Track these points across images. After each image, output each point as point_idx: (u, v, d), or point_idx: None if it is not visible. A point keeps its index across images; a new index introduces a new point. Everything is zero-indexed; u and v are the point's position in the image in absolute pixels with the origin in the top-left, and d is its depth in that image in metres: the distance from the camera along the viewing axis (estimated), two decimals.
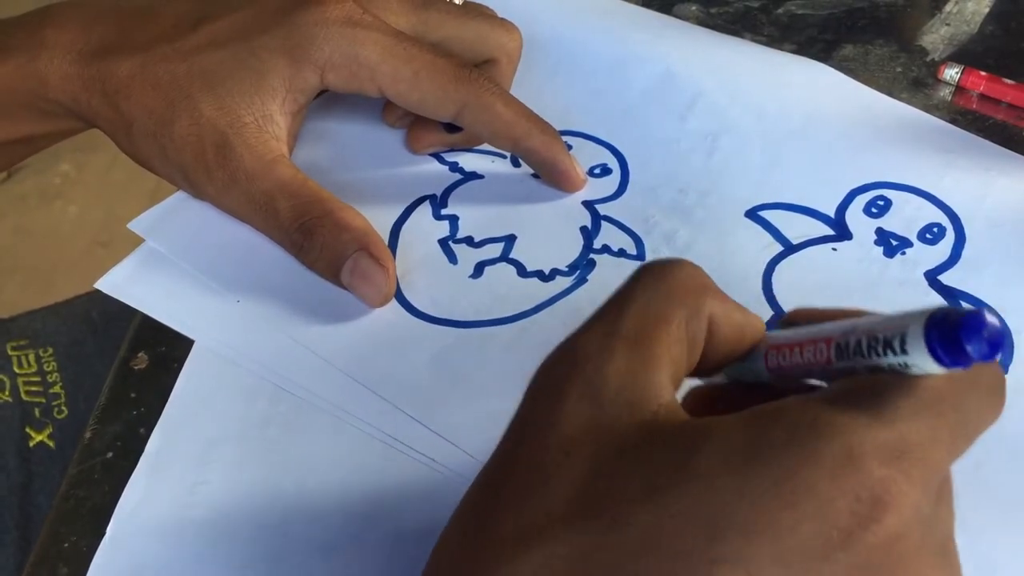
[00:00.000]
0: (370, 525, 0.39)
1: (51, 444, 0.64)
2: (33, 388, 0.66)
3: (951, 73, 0.53)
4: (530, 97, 0.50)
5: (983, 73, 0.53)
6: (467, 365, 0.43)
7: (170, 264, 0.47)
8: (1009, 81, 0.53)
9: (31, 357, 0.67)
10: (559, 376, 0.30)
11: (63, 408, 0.65)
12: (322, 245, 0.45)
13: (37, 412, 0.65)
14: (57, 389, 0.66)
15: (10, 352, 0.68)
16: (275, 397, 0.43)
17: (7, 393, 0.66)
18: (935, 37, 0.55)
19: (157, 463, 0.41)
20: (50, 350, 0.68)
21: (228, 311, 0.45)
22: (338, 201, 0.46)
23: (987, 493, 0.38)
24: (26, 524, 0.61)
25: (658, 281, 0.31)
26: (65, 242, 1.56)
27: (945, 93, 0.53)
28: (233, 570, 0.38)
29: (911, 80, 0.54)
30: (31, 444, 0.64)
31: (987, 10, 0.57)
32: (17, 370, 0.67)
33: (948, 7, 0.57)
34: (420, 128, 0.51)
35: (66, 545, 0.40)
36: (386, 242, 0.48)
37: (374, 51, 0.46)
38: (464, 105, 0.47)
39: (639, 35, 0.56)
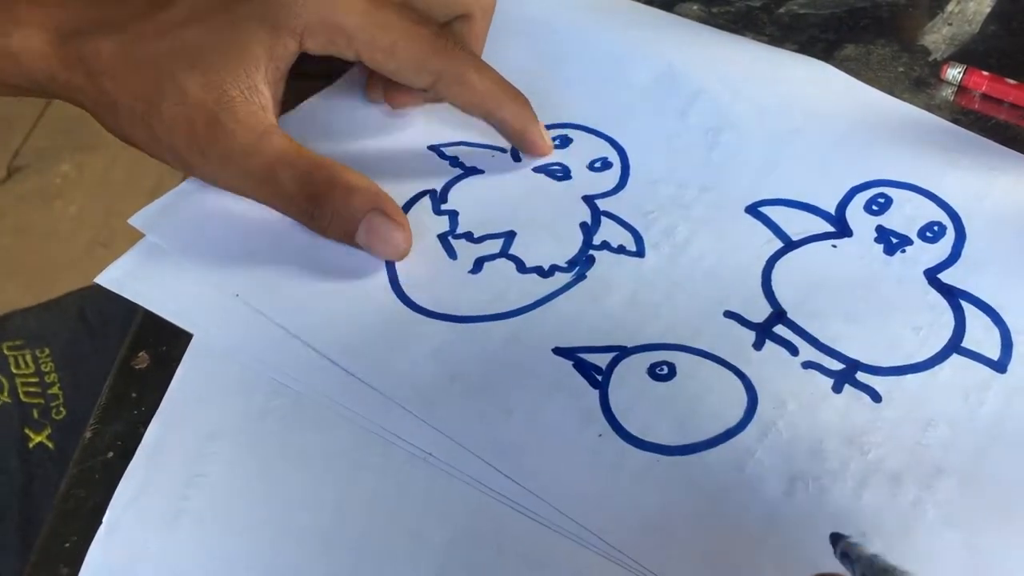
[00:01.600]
0: (369, 519, 0.38)
1: (50, 445, 0.64)
2: (31, 389, 0.66)
3: (953, 73, 0.53)
4: (532, 89, 0.50)
5: (985, 73, 0.53)
6: (466, 360, 0.43)
7: (170, 259, 0.47)
8: (1011, 81, 0.52)
9: (28, 358, 0.67)
10: None
11: (61, 409, 0.65)
12: (333, 211, 0.45)
13: (35, 413, 0.65)
14: (55, 390, 0.66)
15: (6, 352, 0.68)
16: (273, 391, 0.43)
17: (6, 394, 0.66)
18: (937, 37, 0.55)
19: (155, 455, 0.41)
20: (47, 350, 0.68)
21: (227, 305, 0.45)
22: (339, 165, 0.46)
23: (987, 493, 0.38)
24: (27, 526, 0.61)
25: None
26: (65, 242, 1.56)
27: (947, 93, 0.53)
28: (230, 563, 0.38)
29: (913, 80, 0.53)
30: (30, 445, 0.64)
31: (989, 10, 0.56)
32: (15, 371, 0.67)
33: (950, 7, 0.57)
34: (397, 86, 0.51)
35: (67, 545, 0.40)
36: None
37: (352, 17, 0.46)
38: (439, 76, 0.47)
39: (641, 31, 0.56)
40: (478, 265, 0.46)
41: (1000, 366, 0.42)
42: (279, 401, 0.42)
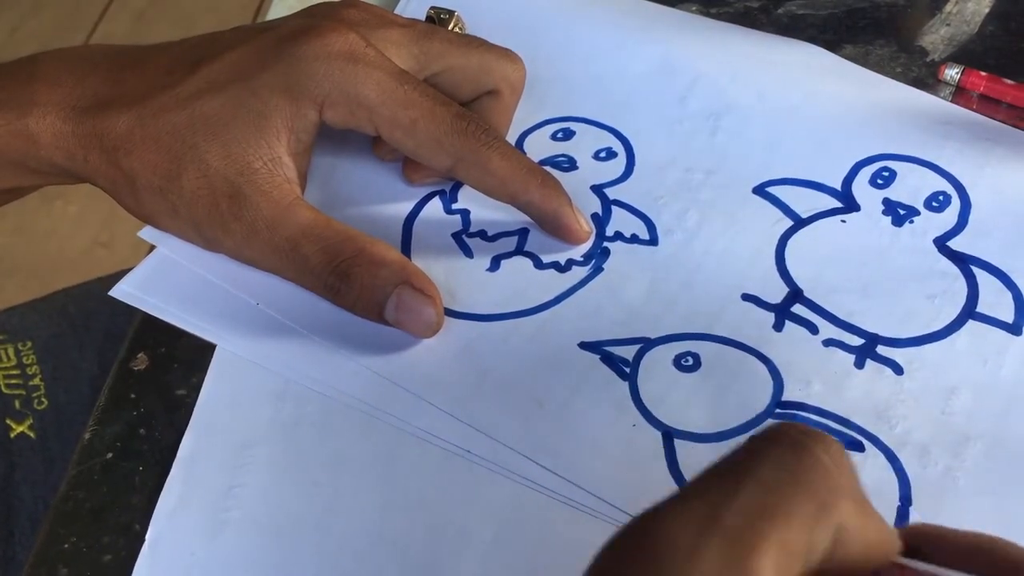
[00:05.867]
0: (411, 519, 0.39)
1: (32, 435, 0.64)
2: (12, 381, 0.66)
3: (951, 73, 0.53)
4: (530, 84, 0.50)
5: (983, 73, 0.53)
6: (492, 358, 0.43)
7: (183, 270, 0.47)
8: (1009, 81, 0.53)
9: (10, 351, 0.67)
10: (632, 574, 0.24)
11: (43, 399, 0.66)
12: (360, 286, 0.43)
13: (17, 404, 0.65)
14: (37, 381, 0.66)
15: None
16: (302, 397, 0.43)
17: None
18: (935, 37, 0.56)
19: (191, 467, 0.42)
20: (29, 343, 0.68)
21: (249, 314, 0.45)
22: (368, 237, 0.44)
23: (1013, 456, 0.39)
24: (8, 514, 0.62)
25: (787, 460, 0.25)
26: (65, 242, 1.55)
27: (945, 93, 0.53)
28: (274, 569, 0.39)
29: (911, 80, 0.54)
30: (12, 435, 0.64)
31: (987, 10, 0.57)
32: None
33: (948, 7, 0.57)
34: (416, 163, 0.50)
35: (66, 546, 0.40)
36: (400, 237, 0.48)
37: (374, 92, 0.44)
38: (459, 159, 0.46)
39: (637, 21, 0.57)
40: (495, 263, 0.47)
41: (1016, 328, 0.43)
42: (311, 407, 0.43)
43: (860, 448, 0.39)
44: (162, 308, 0.46)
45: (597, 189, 0.50)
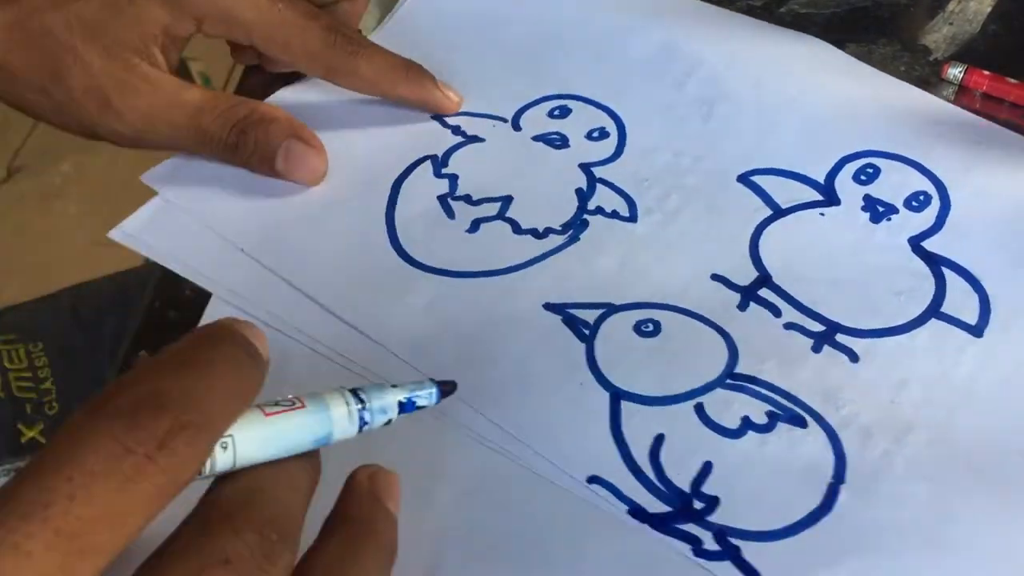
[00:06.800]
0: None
1: (43, 440, 0.65)
2: (24, 384, 0.67)
3: (954, 72, 0.54)
4: (533, 62, 0.52)
5: (986, 72, 0.53)
6: (459, 313, 0.44)
7: (181, 215, 0.49)
8: (1012, 80, 0.53)
9: (21, 352, 0.68)
10: None
11: (54, 404, 0.66)
12: (255, 141, 0.48)
13: (28, 408, 0.66)
14: (48, 385, 0.66)
15: (0, 347, 0.68)
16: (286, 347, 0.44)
17: None
18: (938, 36, 0.56)
19: None
20: (40, 345, 0.68)
21: (235, 260, 0.47)
22: (257, 101, 0.49)
23: (955, 450, 0.39)
24: None
25: None
26: (65, 242, 1.53)
27: (948, 92, 0.53)
28: None
29: (914, 79, 0.54)
30: (23, 440, 0.65)
31: (989, 9, 0.57)
32: (8, 365, 0.67)
33: (951, 6, 0.57)
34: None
35: None
36: (387, 196, 0.50)
37: (250, 12, 0.49)
38: (331, 68, 0.51)
39: (645, 4, 0.58)
40: (475, 225, 0.48)
41: (978, 331, 0.43)
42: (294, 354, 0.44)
43: (803, 424, 0.40)
44: (155, 250, 0.48)
45: (585, 167, 0.51)
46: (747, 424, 0.40)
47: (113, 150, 0.52)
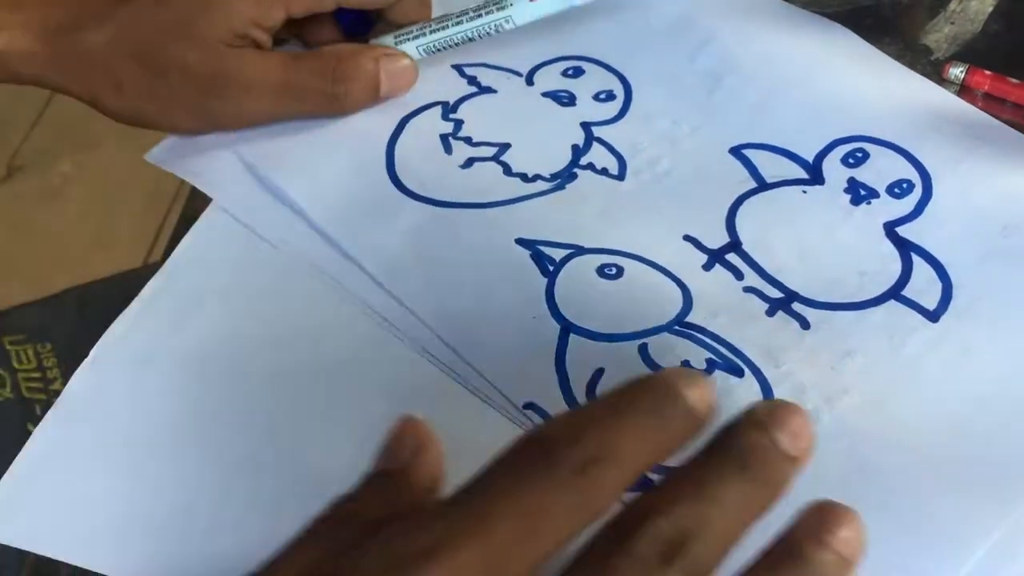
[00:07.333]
0: (300, 357, 0.44)
1: None
2: (33, 384, 0.68)
3: (956, 72, 0.54)
4: (556, 23, 0.54)
5: (988, 72, 0.53)
6: (435, 239, 0.47)
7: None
8: (1014, 80, 0.53)
9: (30, 352, 0.69)
10: None
11: None
12: (357, 81, 0.50)
13: (38, 409, 0.67)
14: (57, 386, 0.68)
15: (8, 347, 0.70)
16: (262, 260, 0.47)
17: (8, 389, 0.67)
18: (939, 36, 0.57)
19: (152, 302, 0.47)
20: (48, 345, 0.69)
21: (237, 172, 0.50)
22: (322, 47, 0.52)
23: (885, 419, 0.40)
24: None
25: None
26: (65, 242, 1.54)
27: (950, 92, 0.54)
28: (201, 402, 0.43)
29: None
30: None
31: (991, 9, 0.57)
32: (16, 365, 0.69)
33: (952, 6, 0.58)
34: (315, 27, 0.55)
35: None
36: (392, 129, 0.52)
37: None
38: None
39: None
40: (469, 163, 0.50)
41: (934, 316, 0.43)
42: (263, 259, 0.47)
43: (739, 374, 0.41)
44: (178, 166, 0.52)
45: (585, 125, 0.52)
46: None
47: (113, 150, 0.54)
